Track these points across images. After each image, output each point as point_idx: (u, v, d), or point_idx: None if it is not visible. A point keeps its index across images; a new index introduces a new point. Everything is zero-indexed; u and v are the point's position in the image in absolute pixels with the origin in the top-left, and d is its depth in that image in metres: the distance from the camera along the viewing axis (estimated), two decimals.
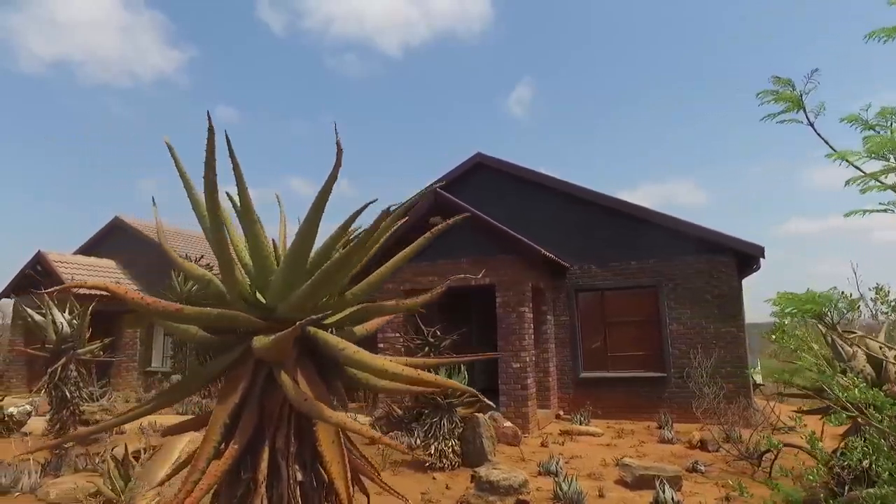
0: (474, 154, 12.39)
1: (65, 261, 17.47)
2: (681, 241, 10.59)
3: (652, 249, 10.82)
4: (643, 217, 10.97)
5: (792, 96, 2.68)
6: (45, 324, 6.14)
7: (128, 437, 8.41)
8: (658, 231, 10.74)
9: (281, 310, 1.96)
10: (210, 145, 1.73)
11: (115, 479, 4.29)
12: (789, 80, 2.71)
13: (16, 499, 5.30)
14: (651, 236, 10.81)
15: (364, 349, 1.94)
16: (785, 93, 2.71)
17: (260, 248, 1.92)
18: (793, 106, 2.73)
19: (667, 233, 10.69)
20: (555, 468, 6.41)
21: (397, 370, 1.85)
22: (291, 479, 1.91)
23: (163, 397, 1.95)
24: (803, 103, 2.67)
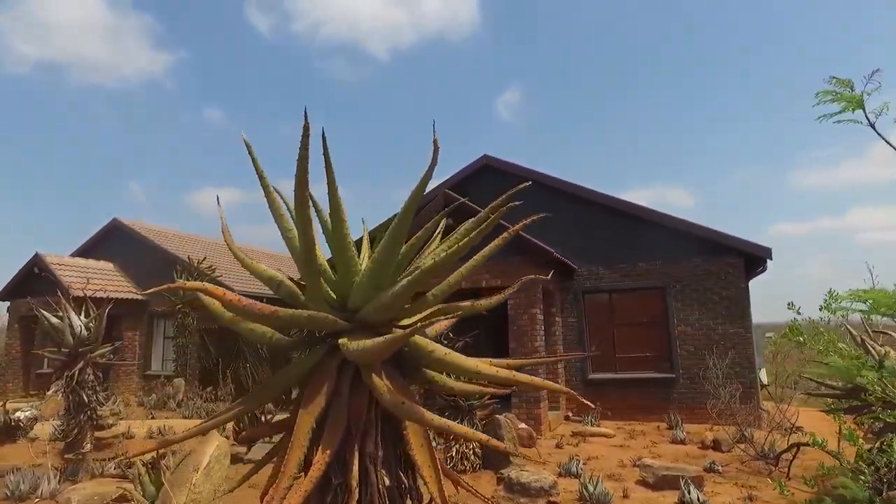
0: (481, 156, 12.40)
1: (63, 263, 17.29)
2: (688, 242, 10.65)
3: (659, 251, 10.86)
4: (650, 219, 11.01)
5: (853, 97, 2.69)
6: (62, 327, 6.06)
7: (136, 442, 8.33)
8: (665, 232, 10.79)
9: (365, 311, 1.94)
10: (304, 143, 1.71)
11: (146, 485, 4.23)
12: (849, 80, 2.72)
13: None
14: (658, 238, 10.85)
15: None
16: (845, 93, 2.73)
17: (346, 249, 1.90)
18: (851, 106, 2.75)
19: (674, 234, 10.74)
20: (575, 469, 6.40)
21: (491, 372, 1.84)
22: (380, 484, 1.89)
23: (247, 402, 1.92)
24: (864, 104, 2.69)
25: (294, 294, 2.12)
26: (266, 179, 1.99)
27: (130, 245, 18.60)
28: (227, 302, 1.70)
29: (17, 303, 17.70)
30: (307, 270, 1.87)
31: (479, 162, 12.39)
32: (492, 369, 1.84)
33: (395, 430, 2.00)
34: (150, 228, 19.62)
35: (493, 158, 12.37)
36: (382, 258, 1.85)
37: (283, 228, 2.02)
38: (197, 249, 18.77)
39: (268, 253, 24.53)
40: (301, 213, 1.79)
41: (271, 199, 2.00)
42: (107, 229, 19.48)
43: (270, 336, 2.03)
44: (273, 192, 2.00)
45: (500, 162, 12.33)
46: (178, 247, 18.54)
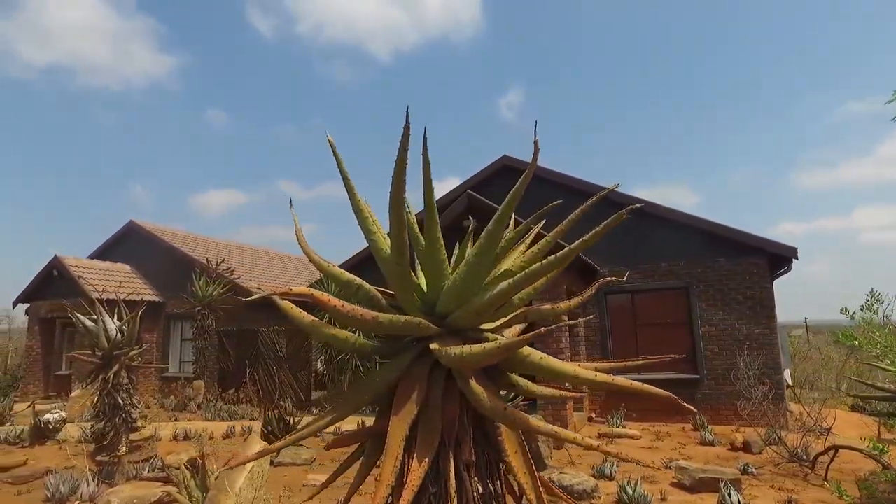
0: (501, 156, 12.37)
1: (81, 265, 17.39)
2: (711, 242, 10.58)
3: (682, 251, 10.80)
4: (672, 219, 10.95)
5: None
6: (97, 330, 6.07)
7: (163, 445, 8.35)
8: (687, 233, 10.73)
9: (456, 316, 1.90)
10: (403, 143, 1.68)
11: (192, 489, 4.22)
12: None
13: None
14: (680, 238, 10.79)
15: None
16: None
17: (438, 252, 1.87)
18: None
19: (697, 234, 10.67)
20: (609, 471, 6.36)
21: (590, 376, 1.80)
22: (474, 492, 1.85)
23: (340, 408, 1.89)
24: None
25: (374, 298, 2.09)
26: (350, 181, 1.96)
27: (146, 247, 18.70)
28: (332, 308, 1.67)
29: (37, 305, 17.83)
30: (399, 274, 1.84)
31: (498, 162, 12.36)
32: (590, 373, 1.81)
33: (485, 435, 1.96)
34: (165, 230, 19.71)
35: (512, 159, 12.34)
36: (477, 262, 1.81)
37: (366, 230, 1.99)
38: (210, 250, 18.85)
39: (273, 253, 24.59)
40: (396, 215, 1.76)
41: (356, 200, 1.97)
42: (123, 231, 19.60)
43: (354, 341, 2.00)
44: (357, 193, 1.98)
45: (520, 162, 12.30)
46: (192, 248, 18.62)
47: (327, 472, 6.57)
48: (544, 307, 2.14)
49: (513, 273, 1.89)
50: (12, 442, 8.46)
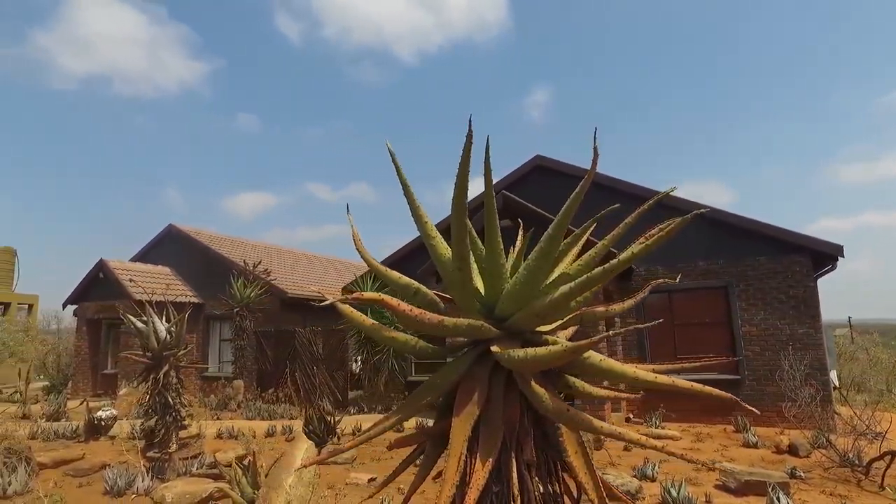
0: (533, 156, 12.33)
1: (124, 268, 17.96)
2: (751, 240, 10.36)
3: (721, 250, 10.61)
4: (710, 216, 10.74)
5: None
6: (147, 331, 6.29)
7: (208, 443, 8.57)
8: (726, 230, 10.52)
9: (516, 319, 1.94)
10: (466, 150, 1.73)
11: (243, 486, 4.35)
12: None
13: (133, 500, 5.43)
14: (719, 236, 10.59)
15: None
16: None
17: (497, 257, 1.91)
18: None
19: (736, 232, 10.46)
20: (651, 472, 6.30)
21: (650, 378, 1.81)
22: (535, 492, 1.89)
23: (405, 409, 1.95)
24: None
25: (433, 302, 2.14)
26: (410, 187, 2.02)
27: (185, 249, 19.20)
28: (401, 312, 1.73)
29: (84, 306, 18.50)
30: (461, 278, 1.88)
31: (531, 162, 12.32)
32: (651, 375, 1.82)
33: (544, 436, 2.00)
34: (203, 233, 20.21)
35: (545, 158, 12.29)
36: (537, 266, 1.85)
37: (425, 234, 2.04)
38: (246, 252, 19.26)
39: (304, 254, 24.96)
40: (458, 221, 1.80)
41: (415, 206, 2.03)
42: (163, 234, 20.16)
43: (414, 344, 2.06)
44: (416, 199, 2.03)
45: (553, 161, 12.23)
46: (229, 250, 19.04)
47: (368, 470, 6.67)
48: (598, 309, 2.16)
49: (570, 277, 1.92)
50: (69, 437, 8.83)
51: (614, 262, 1.71)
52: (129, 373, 15.79)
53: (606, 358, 1.88)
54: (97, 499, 5.61)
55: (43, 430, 9.02)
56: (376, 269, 2.29)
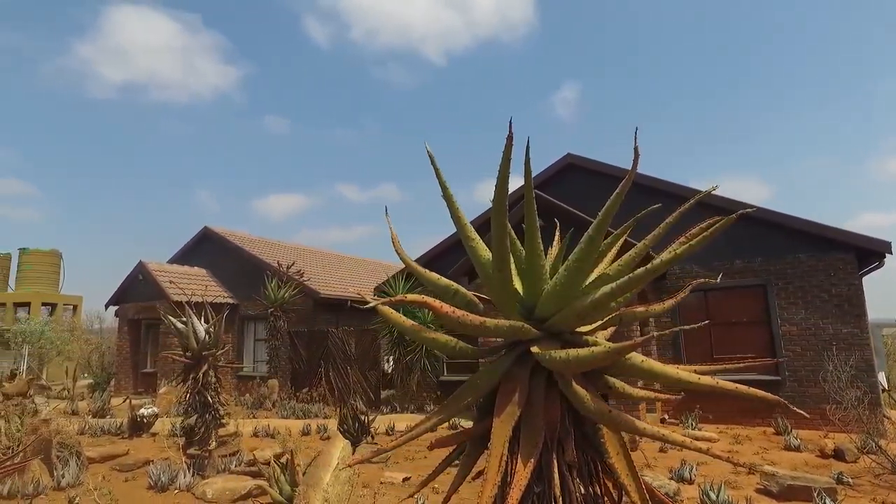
0: (564, 155, 12.24)
1: (163, 270, 18.46)
2: (790, 237, 10.08)
3: (758, 247, 10.36)
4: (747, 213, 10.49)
5: None
6: (187, 332, 6.46)
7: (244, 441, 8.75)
8: (764, 228, 10.26)
9: (556, 320, 1.94)
10: (506, 153, 1.73)
11: (282, 484, 4.44)
12: None
13: (176, 495, 5.59)
14: (756, 233, 10.33)
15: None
16: None
17: (538, 258, 1.91)
18: None
19: (774, 229, 10.20)
20: (689, 475, 6.19)
21: (693, 379, 1.79)
22: (577, 493, 1.88)
23: (446, 409, 1.97)
24: None
25: (472, 303, 2.15)
26: (449, 190, 2.03)
27: (220, 251, 19.64)
28: (444, 314, 1.75)
29: (125, 307, 19.09)
30: (500, 279, 1.89)
31: (562, 161, 12.24)
32: (693, 376, 1.80)
33: (584, 437, 1.99)
34: (237, 235, 20.64)
35: (576, 157, 12.18)
36: (578, 267, 1.84)
37: (465, 237, 2.05)
38: (279, 253, 19.59)
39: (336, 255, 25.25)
40: (499, 223, 1.81)
41: (454, 208, 2.04)
42: (198, 236, 20.66)
43: (454, 345, 2.07)
44: (456, 201, 2.04)
45: (585, 160, 12.13)
46: (262, 251, 19.40)
47: (402, 469, 6.72)
48: (638, 309, 2.14)
49: (610, 277, 1.91)
50: (114, 433, 9.15)
51: (657, 262, 1.70)
52: (168, 371, 16.23)
53: (647, 359, 1.86)
54: (142, 493, 5.79)
55: (90, 426, 9.35)
56: (416, 271, 2.31)
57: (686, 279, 10.74)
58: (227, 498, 5.40)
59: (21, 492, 5.38)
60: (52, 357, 24.91)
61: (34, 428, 6.37)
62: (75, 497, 5.48)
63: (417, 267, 2.32)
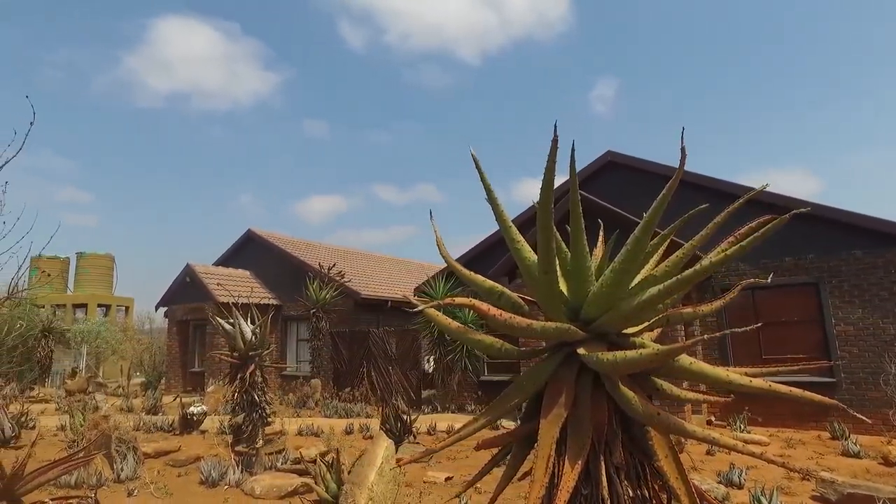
0: (604, 153, 12.07)
1: (209, 272, 19.04)
2: (845, 233, 9.67)
3: (810, 244, 9.97)
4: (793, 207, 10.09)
5: None
6: (234, 333, 6.65)
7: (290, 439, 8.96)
8: (816, 223, 9.86)
9: (602, 321, 1.93)
10: (552, 155, 1.74)
11: (328, 482, 4.53)
12: None
13: (225, 491, 5.78)
14: (806, 230, 9.95)
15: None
16: None
17: (583, 260, 1.90)
18: None
19: (827, 225, 9.79)
20: (738, 479, 6.03)
21: (744, 382, 1.75)
22: (625, 496, 1.87)
23: (493, 411, 1.98)
24: None
25: (517, 304, 2.16)
26: (494, 193, 2.05)
27: (263, 253, 20.13)
28: (491, 317, 1.77)
29: (173, 308, 19.78)
30: (547, 281, 1.89)
31: (602, 159, 12.07)
32: (745, 379, 1.76)
33: (632, 439, 1.97)
34: (279, 237, 21.11)
35: (617, 154, 11.99)
36: (625, 268, 1.83)
37: (510, 239, 2.06)
38: (320, 255, 19.94)
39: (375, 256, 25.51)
40: (545, 226, 1.82)
41: (499, 210, 2.05)
42: (242, 240, 21.22)
43: (499, 346, 2.08)
44: (500, 204, 2.05)
45: (625, 157, 11.93)
46: (303, 253, 19.78)
47: (443, 469, 6.76)
48: (685, 310, 2.11)
49: (657, 279, 1.89)
50: (166, 430, 9.51)
51: (705, 263, 1.67)
52: (215, 371, 16.75)
53: (697, 361, 1.84)
54: (194, 488, 6.00)
55: (144, 422, 9.74)
56: (462, 273, 2.34)
57: (732, 278, 10.43)
58: (275, 495, 5.55)
59: (86, 483, 5.66)
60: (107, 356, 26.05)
61: (95, 423, 6.68)
62: (134, 490, 5.73)
63: (463, 270, 2.34)
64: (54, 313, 21.02)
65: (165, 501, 5.54)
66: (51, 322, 19.53)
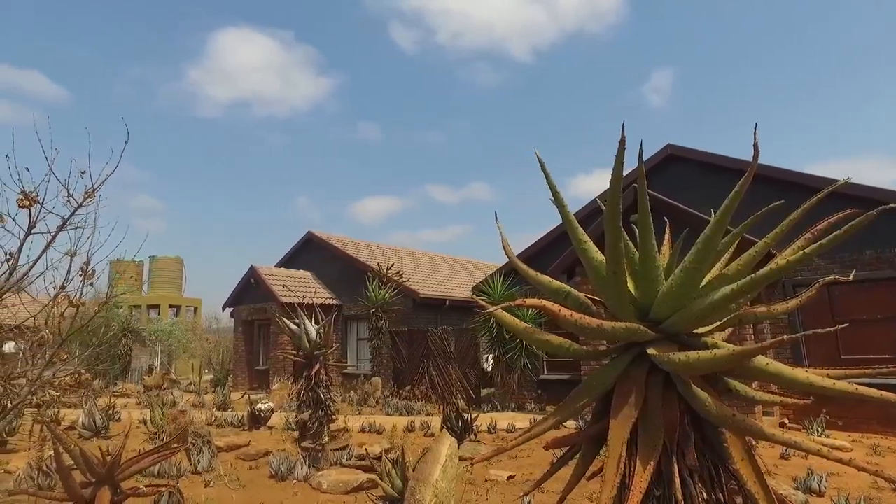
0: (664, 146, 11.74)
1: (271, 273, 19.72)
2: None
3: (892, 236, 9.35)
4: (875, 198, 9.50)
5: None
6: (300, 333, 6.89)
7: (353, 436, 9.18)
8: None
9: (672, 321, 1.90)
10: (619, 156, 1.73)
11: (393, 479, 4.64)
12: None
13: (294, 485, 6.00)
14: (889, 221, 9.32)
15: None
16: None
17: (652, 260, 1.89)
18: None
19: None
20: (818, 486, 5.74)
21: (826, 384, 1.69)
22: (699, 499, 1.84)
23: (562, 411, 2.00)
24: None
25: (584, 305, 2.16)
26: (560, 194, 2.06)
27: (323, 254, 20.68)
28: (562, 317, 1.79)
29: (239, 308, 20.63)
30: (615, 282, 1.89)
31: (662, 152, 11.74)
32: (827, 381, 1.70)
33: (705, 441, 1.94)
34: (338, 238, 21.62)
35: (677, 147, 11.64)
36: (696, 267, 1.80)
37: (577, 240, 2.06)
38: (377, 255, 20.30)
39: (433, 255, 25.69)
40: (613, 226, 1.81)
41: (566, 211, 2.06)
42: (302, 241, 21.88)
43: (567, 346, 2.09)
44: (567, 205, 2.06)
45: (685, 150, 11.55)
46: (362, 254, 20.18)
47: (505, 468, 6.77)
48: (759, 310, 2.05)
49: (729, 278, 1.85)
50: (236, 425, 9.95)
51: (782, 262, 1.63)
52: (279, 369, 17.35)
53: (774, 361, 1.78)
54: (264, 481, 6.26)
55: (216, 417, 10.23)
56: (528, 274, 2.36)
57: (804, 273, 9.92)
58: (341, 489, 5.72)
59: (168, 473, 6.02)
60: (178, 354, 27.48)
61: (174, 417, 7.09)
62: (210, 481, 6.05)
63: (530, 271, 2.36)
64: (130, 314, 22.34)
65: (239, 493, 5.81)
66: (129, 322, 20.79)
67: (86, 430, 8.65)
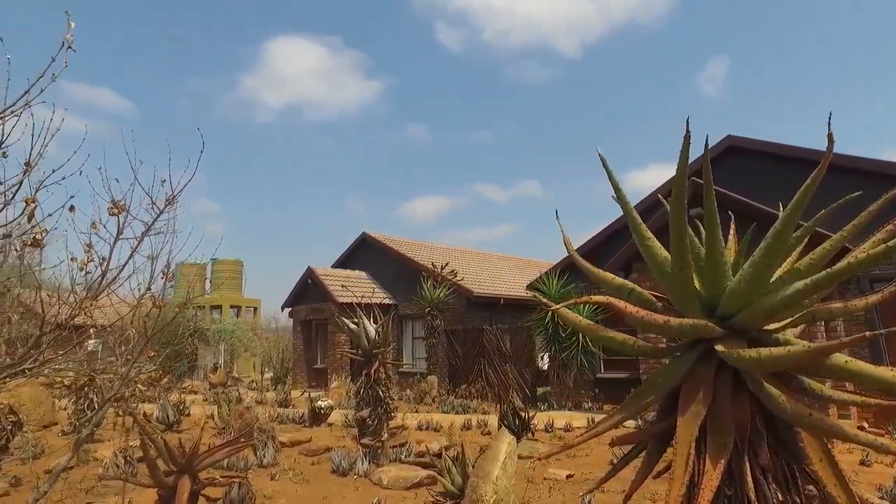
0: (724, 137, 11.34)
1: (328, 274, 20.21)
2: None
3: None
4: None
5: None
6: (359, 332, 7.06)
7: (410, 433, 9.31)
8: None
9: (741, 317, 1.87)
10: (684, 152, 1.72)
11: (454, 475, 4.70)
12: None
13: (355, 480, 6.17)
14: None
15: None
16: None
17: (719, 255, 1.86)
18: None
19: None
20: None
21: None
22: (774, 500, 1.80)
23: (628, 408, 2.00)
24: None
25: (649, 301, 2.14)
26: (623, 192, 2.05)
27: (378, 254, 21.02)
28: (629, 314, 1.80)
29: (297, 308, 21.24)
30: (680, 278, 1.87)
31: (722, 144, 11.33)
32: None
33: (778, 440, 1.89)
34: (392, 239, 21.93)
35: (737, 138, 11.22)
36: (766, 262, 1.77)
37: (640, 237, 2.05)
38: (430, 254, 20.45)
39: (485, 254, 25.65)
40: (678, 222, 1.80)
41: (629, 209, 2.06)
42: (357, 242, 22.31)
43: (632, 343, 2.08)
44: (629, 203, 2.06)
45: (747, 141, 11.12)
46: (416, 253, 20.38)
47: (563, 466, 6.72)
48: (835, 306, 1.98)
49: (801, 273, 1.80)
50: (297, 422, 10.29)
51: (862, 257, 1.57)
52: (337, 367, 17.77)
53: (853, 359, 1.73)
54: (326, 476, 6.46)
55: (278, 414, 10.60)
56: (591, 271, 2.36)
57: (882, 267, 9.35)
58: (401, 485, 5.82)
59: (236, 466, 6.31)
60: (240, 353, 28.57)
61: (240, 413, 7.41)
62: (275, 475, 6.29)
63: (592, 268, 2.36)
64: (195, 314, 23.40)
65: (303, 486, 6.02)
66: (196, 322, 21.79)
67: (160, 423, 9.15)
